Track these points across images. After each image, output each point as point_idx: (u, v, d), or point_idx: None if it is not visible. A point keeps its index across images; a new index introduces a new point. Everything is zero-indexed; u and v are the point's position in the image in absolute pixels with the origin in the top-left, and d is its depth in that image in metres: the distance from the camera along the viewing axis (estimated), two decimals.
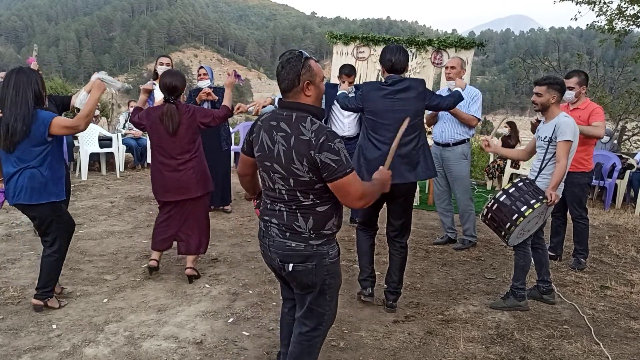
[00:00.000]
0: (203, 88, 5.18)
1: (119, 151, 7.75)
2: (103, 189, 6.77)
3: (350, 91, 3.84)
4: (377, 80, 6.97)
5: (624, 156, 7.72)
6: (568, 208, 4.45)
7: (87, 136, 7.34)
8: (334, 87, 4.99)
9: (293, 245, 2.05)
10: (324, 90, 2.15)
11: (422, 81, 3.40)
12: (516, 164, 7.67)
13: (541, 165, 3.43)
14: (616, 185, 7.24)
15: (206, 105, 5.11)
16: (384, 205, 3.44)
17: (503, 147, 4.82)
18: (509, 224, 3.24)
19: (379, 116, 3.28)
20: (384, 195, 3.23)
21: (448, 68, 4.62)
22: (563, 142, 3.29)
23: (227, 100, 3.90)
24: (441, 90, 5.01)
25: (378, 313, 3.40)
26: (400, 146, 2.95)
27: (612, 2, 10.71)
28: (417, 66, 8.13)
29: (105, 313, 3.21)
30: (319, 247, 2.07)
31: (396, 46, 3.31)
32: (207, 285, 3.73)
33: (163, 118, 3.52)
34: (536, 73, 12.66)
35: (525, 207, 3.20)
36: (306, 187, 2.00)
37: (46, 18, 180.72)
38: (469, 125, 4.69)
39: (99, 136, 7.61)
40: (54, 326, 3.01)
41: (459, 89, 3.71)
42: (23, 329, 2.96)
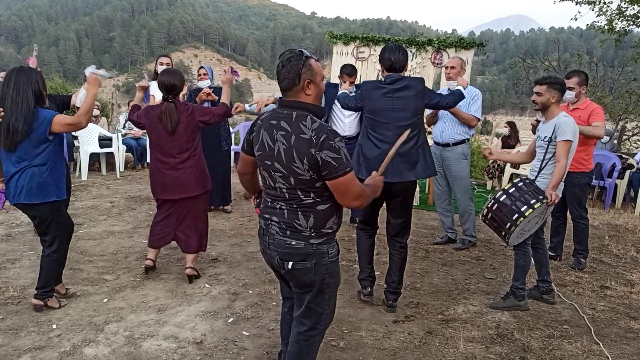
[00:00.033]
0: (203, 88, 5.18)
1: (119, 151, 7.76)
2: (103, 189, 6.77)
3: (351, 91, 3.84)
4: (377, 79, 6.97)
5: (624, 156, 7.71)
6: (568, 208, 4.45)
7: (87, 136, 7.35)
8: (335, 87, 4.99)
9: (293, 243, 2.06)
10: (324, 89, 2.15)
11: (421, 80, 3.39)
12: (516, 164, 7.66)
13: (541, 165, 3.43)
14: (616, 185, 7.25)
15: (206, 105, 5.11)
16: (384, 204, 3.44)
17: (505, 154, 4.81)
18: (509, 224, 3.24)
19: (378, 115, 3.29)
20: (384, 193, 3.23)
21: (448, 68, 4.62)
22: (563, 142, 3.29)
23: (225, 97, 3.90)
24: (441, 90, 5.01)
25: (378, 313, 3.40)
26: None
27: (612, 2, 10.74)
28: (417, 66, 8.13)
29: (105, 313, 3.21)
30: (319, 246, 2.07)
31: (395, 45, 3.32)
32: (207, 285, 3.73)
33: (162, 117, 3.52)
34: (536, 73, 12.66)
35: (525, 207, 3.20)
36: (307, 186, 2.00)
37: (46, 18, 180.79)
38: (469, 125, 4.69)
39: (99, 136, 7.61)
40: (54, 326, 3.01)
41: (461, 88, 3.69)
42: (23, 329, 2.96)
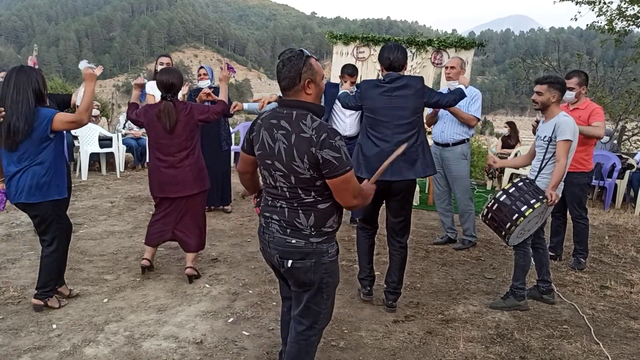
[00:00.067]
0: (203, 88, 5.18)
1: (119, 151, 7.75)
2: (103, 189, 6.77)
3: (352, 91, 3.84)
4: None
5: (624, 156, 7.71)
6: (568, 208, 4.45)
7: (87, 136, 7.35)
8: (335, 87, 4.99)
9: (293, 241, 2.06)
10: (324, 88, 2.15)
11: (421, 78, 3.39)
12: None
13: (541, 164, 3.43)
14: (616, 185, 7.24)
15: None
16: (384, 203, 3.44)
17: (508, 161, 4.79)
18: (509, 224, 3.24)
19: (377, 113, 3.29)
20: (383, 192, 3.23)
21: (448, 68, 4.62)
22: (563, 142, 3.29)
23: (223, 94, 3.89)
24: (441, 90, 5.01)
25: (378, 313, 3.40)
26: (398, 143, 2.95)
27: (612, 2, 10.74)
28: (417, 66, 8.13)
29: (105, 313, 3.21)
30: (319, 245, 2.07)
31: (394, 44, 3.32)
32: (207, 285, 3.73)
33: (160, 115, 3.52)
34: (536, 73, 12.66)
35: (525, 207, 3.20)
36: (307, 185, 2.00)
37: (46, 18, 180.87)
38: (469, 125, 4.69)
39: (99, 136, 7.60)
40: (54, 326, 3.01)
41: (462, 86, 3.67)
42: (23, 329, 2.96)
